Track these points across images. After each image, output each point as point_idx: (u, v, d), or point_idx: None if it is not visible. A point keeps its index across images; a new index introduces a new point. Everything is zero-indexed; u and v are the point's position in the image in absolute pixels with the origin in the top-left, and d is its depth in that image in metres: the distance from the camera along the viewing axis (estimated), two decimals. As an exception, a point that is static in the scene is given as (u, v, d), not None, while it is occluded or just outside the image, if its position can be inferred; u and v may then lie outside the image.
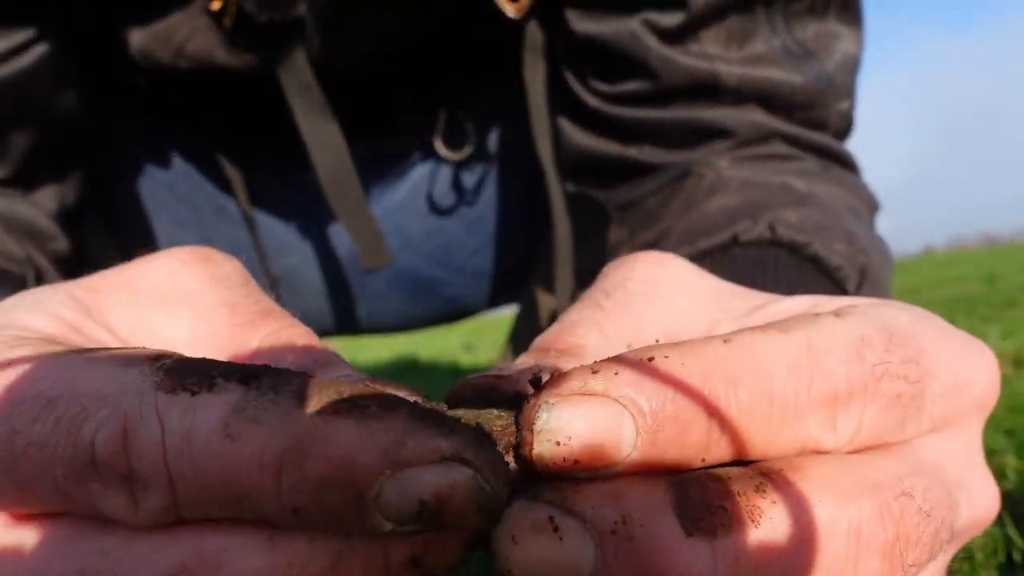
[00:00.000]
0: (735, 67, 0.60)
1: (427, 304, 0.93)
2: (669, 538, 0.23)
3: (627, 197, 0.66)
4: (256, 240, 0.84)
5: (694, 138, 0.63)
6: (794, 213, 0.54)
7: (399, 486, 0.21)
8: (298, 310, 0.99)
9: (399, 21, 0.68)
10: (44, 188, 0.63)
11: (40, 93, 0.60)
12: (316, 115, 0.66)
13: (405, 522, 0.21)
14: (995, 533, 0.73)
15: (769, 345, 0.25)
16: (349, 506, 0.21)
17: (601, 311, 0.34)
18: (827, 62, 0.62)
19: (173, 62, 0.65)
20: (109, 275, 0.34)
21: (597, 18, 0.62)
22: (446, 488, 0.21)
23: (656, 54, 0.60)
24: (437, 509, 0.21)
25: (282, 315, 0.32)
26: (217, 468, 0.21)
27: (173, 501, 0.22)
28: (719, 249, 0.54)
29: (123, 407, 0.22)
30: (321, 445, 0.21)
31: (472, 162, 0.84)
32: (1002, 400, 1.36)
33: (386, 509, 0.21)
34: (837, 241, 0.53)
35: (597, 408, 0.23)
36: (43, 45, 0.58)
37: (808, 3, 0.61)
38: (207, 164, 0.83)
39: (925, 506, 0.26)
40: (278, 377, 0.23)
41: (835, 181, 0.62)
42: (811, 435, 0.26)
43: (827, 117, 0.64)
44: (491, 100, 0.83)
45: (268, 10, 0.59)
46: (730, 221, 0.54)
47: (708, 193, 0.59)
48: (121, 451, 0.22)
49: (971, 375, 0.29)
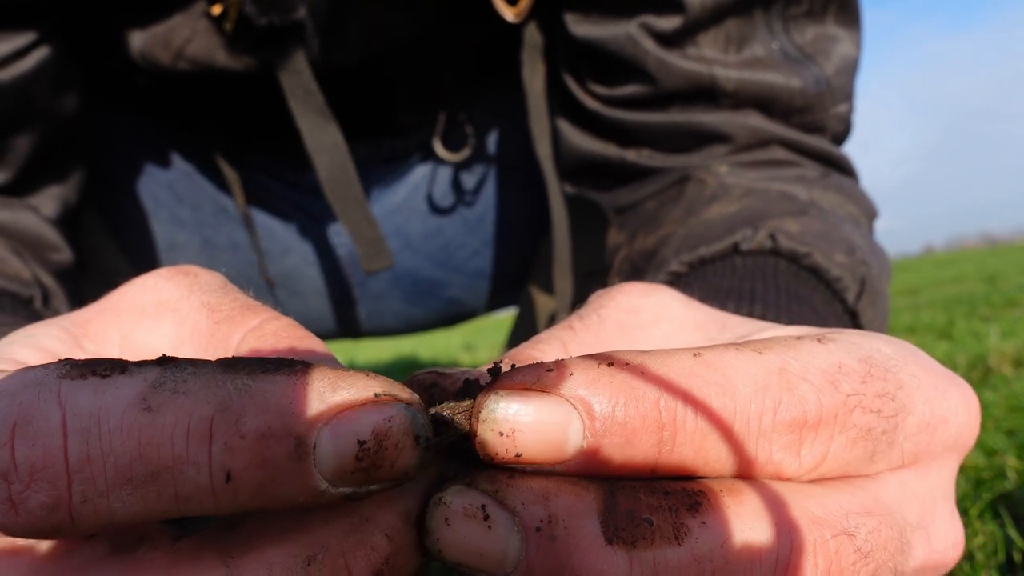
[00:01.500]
0: (733, 71, 0.60)
1: (427, 305, 0.93)
2: (589, 543, 0.23)
3: (626, 200, 0.66)
4: (255, 240, 0.84)
5: (692, 142, 0.63)
6: (794, 223, 0.54)
7: (337, 430, 0.21)
8: (298, 312, 0.99)
9: (398, 23, 0.69)
10: (46, 189, 0.63)
11: (42, 96, 0.60)
12: (317, 118, 0.66)
13: (343, 475, 0.21)
14: (996, 533, 0.73)
15: (740, 363, 0.25)
16: (290, 459, 0.21)
17: (570, 332, 0.34)
18: (825, 65, 0.62)
19: (173, 64, 0.65)
20: (95, 305, 0.34)
21: (595, 21, 0.62)
22: (383, 423, 0.21)
23: (654, 58, 0.60)
24: (376, 447, 0.21)
25: (263, 309, 0.32)
26: (133, 443, 0.21)
27: (65, 497, 0.21)
28: (719, 257, 0.54)
29: (19, 398, 0.21)
30: (257, 399, 0.21)
31: (471, 163, 0.84)
32: (1002, 400, 1.36)
33: (325, 460, 0.21)
34: (837, 252, 0.53)
35: (546, 404, 0.23)
36: (45, 49, 0.58)
37: (806, 6, 0.61)
38: (207, 164, 0.83)
39: (865, 547, 0.25)
40: (194, 360, 0.22)
41: (834, 188, 0.62)
42: (772, 459, 0.25)
43: (825, 120, 0.64)
44: (490, 101, 0.83)
45: (268, 13, 0.59)
46: (730, 229, 0.54)
47: (709, 200, 0.59)
48: (6, 444, 0.21)
49: (949, 414, 0.29)
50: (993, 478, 0.92)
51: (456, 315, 0.97)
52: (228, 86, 0.70)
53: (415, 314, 0.94)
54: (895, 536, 0.26)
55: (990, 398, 1.42)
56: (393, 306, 0.92)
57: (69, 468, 0.20)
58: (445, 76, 0.80)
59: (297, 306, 0.90)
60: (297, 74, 0.64)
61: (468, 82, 0.81)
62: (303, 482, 0.21)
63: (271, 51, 0.63)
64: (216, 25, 0.63)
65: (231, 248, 0.86)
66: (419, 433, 0.22)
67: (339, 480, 0.21)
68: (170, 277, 0.34)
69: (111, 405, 0.21)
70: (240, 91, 0.72)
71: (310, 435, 0.21)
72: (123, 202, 0.82)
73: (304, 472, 0.21)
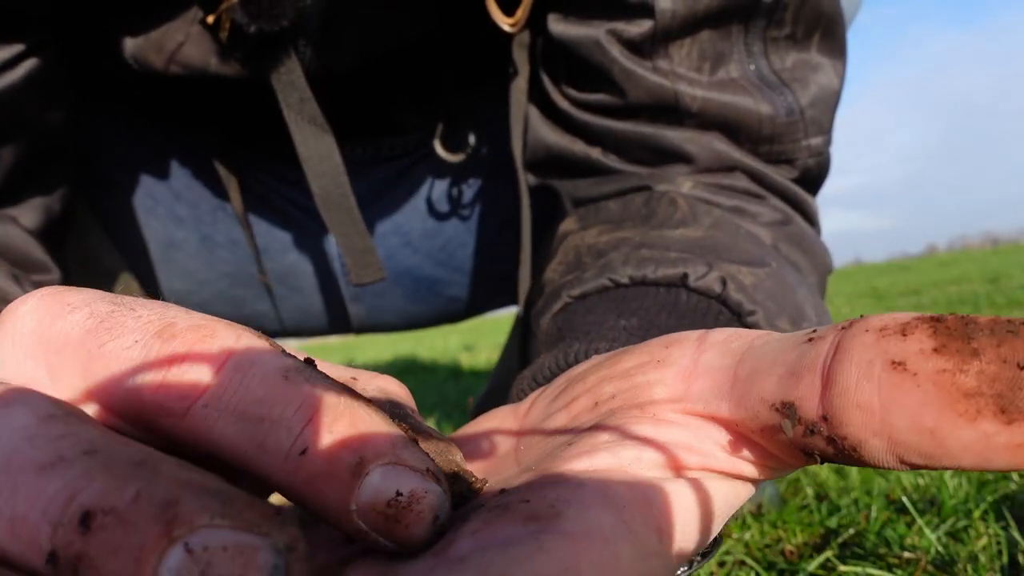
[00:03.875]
0: (700, 89, 0.59)
1: (428, 303, 0.93)
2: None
3: (586, 192, 0.65)
4: (250, 240, 0.84)
5: (655, 157, 0.62)
6: (750, 274, 0.53)
7: (389, 473, 0.24)
8: (299, 309, 0.99)
9: (394, 28, 0.68)
10: (30, 200, 0.63)
11: (30, 107, 0.59)
12: (310, 128, 0.66)
13: (370, 511, 0.24)
14: (999, 535, 0.72)
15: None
16: (348, 469, 0.24)
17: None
18: (801, 94, 0.60)
19: (165, 68, 0.64)
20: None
21: (571, 22, 0.61)
22: (421, 491, 0.25)
23: (620, 67, 0.59)
24: (406, 504, 0.25)
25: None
26: (263, 392, 0.24)
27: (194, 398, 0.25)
28: (664, 284, 0.53)
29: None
30: (352, 417, 0.25)
31: (471, 163, 0.84)
32: (1005, 401, 1.35)
33: (366, 489, 0.24)
34: (782, 318, 0.52)
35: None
36: (34, 59, 0.57)
37: (789, 29, 0.60)
38: (205, 162, 0.82)
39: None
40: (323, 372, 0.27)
41: (796, 240, 0.61)
42: None
43: (795, 152, 0.62)
44: (490, 101, 0.82)
45: (258, 20, 0.58)
46: (684, 259, 0.53)
47: (678, 222, 0.58)
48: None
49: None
50: (996, 479, 0.92)
51: (458, 313, 0.97)
52: (223, 89, 0.69)
53: (416, 311, 0.94)
54: None
55: (993, 399, 1.41)
56: (394, 304, 0.92)
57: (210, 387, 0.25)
58: (444, 78, 0.79)
59: (297, 303, 0.90)
60: (291, 82, 0.63)
61: (467, 83, 0.80)
62: (344, 493, 0.24)
63: (264, 59, 0.62)
64: (211, 32, 0.62)
65: (230, 245, 0.85)
66: (439, 515, 0.25)
67: (365, 512, 0.24)
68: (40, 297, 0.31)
69: (264, 362, 0.25)
70: (235, 94, 0.71)
71: (370, 464, 0.24)
72: (119, 200, 0.81)
73: (350, 486, 0.24)
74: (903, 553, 0.71)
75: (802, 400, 0.25)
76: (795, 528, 0.81)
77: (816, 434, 0.25)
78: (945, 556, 0.70)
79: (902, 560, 0.70)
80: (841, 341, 0.25)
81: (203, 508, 0.20)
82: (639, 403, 0.30)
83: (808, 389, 0.25)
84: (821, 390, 0.25)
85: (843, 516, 0.83)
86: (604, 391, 0.32)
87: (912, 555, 0.70)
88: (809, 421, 0.25)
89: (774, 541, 0.79)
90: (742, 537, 0.79)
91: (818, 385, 0.25)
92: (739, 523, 0.83)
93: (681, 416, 0.29)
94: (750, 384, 0.27)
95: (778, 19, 0.59)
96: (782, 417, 0.26)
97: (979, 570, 0.66)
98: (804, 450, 0.26)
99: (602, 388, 0.33)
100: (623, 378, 0.32)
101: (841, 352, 0.25)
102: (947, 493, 0.84)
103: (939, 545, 0.71)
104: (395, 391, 0.36)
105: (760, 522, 0.83)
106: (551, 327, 0.55)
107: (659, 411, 0.30)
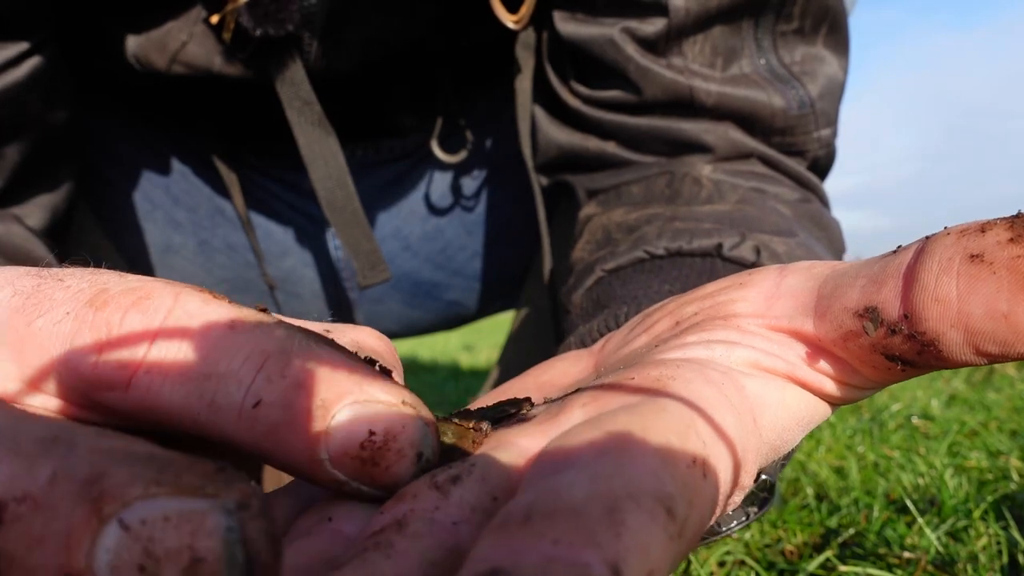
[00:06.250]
0: (714, 85, 0.59)
1: (427, 308, 0.92)
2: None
3: (603, 183, 0.65)
4: (253, 242, 0.84)
5: (672, 149, 0.62)
6: (782, 243, 0.53)
7: (358, 411, 0.23)
8: (297, 313, 0.99)
9: (397, 28, 0.68)
10: (35, 198, 0.62)
11: (34, 105, 0.59)
12: (314, 130, 0.66)
13: (343, 456, 0.22)
14: (999, 535, 0.72)
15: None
16: (309, 414, 0.22)
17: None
18: (811, 87, 0.61)
19: (168, 67, 0.64)
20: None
21: (580, 21, 0.61)
22: (397, 425, 0.23)
23: (636, 65, 0.59)
24: (381, 443, 0.23)
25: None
26: (207, 346, 0.23)
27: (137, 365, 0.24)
28: (699, 254, 0.53)
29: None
30: (309, 357, 0.23)
31: (470, 165, 0.83)
32: (1006, 401, 1.35)
33: (335, 433, 0.22)
34: None
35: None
36: (37, 57, 0.57)
37: (797, 23, 0.60)
38: (204, 165, 0.82)
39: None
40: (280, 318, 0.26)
41: (816, 218, 0.62)
42: None
43: (806, 143, 0.63)
44: (489, 103, 0.82)
45: (264, 24, 0.58)
46: (717, 229, 0.53)
47: (705, 201, 0.58)
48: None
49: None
50: (997, 479, 0.92)
51: (456, 317, 0.97)
52: (225, 90, 0.69)
53: (415, 316, 0.94)
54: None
55: (994, 399, 1.41)
56: (392, 308, 0.91)
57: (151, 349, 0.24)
58: (443, 79, 0.79)
59: (296, 308, 0.90)
60: (295, 84, 0.63)
61: (467, 84, 0.80)
62: (310, 441, 0.22)
63: (268, 61, 0.62)
64: (214, 32, 0.62)
65: (227, 250, 0.85)
66: (423, 451, 0.23)
67: (338, 459, 0.22)
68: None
69: (206, 314, 0.24)
70: (238, 95, 0.71)
71: (334, 405, 0.22)
72: (118, 203, 0.81)
73: (316, 433, 0.22)
74: (903, 553, 0.71)
75: (884, 303, 0.26)
76: (795, 528, 0.81)
77: (897, 334, 0.26)
78: (945, 556, 0.70)
79: (902, 560, 0.70)
80: (924, 246, 0.26)
81: (134, 478, 0.17)
82: (723, 315, 0.31)
83: (891, 292, 0.26)
84: (903, 291, 0.26)
85: (843, 516, 0.83)
86: (685, 311, 0.33)
87: (912, 555, 0.70)
88: (891, 321, 0.26)
89: (774, 541, 0.79)
90: (742, 537, 0.79)
91: (899, 287, 0.26)
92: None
93: (764, 329, 0.30)
94: (833, 298, 0.28)
95: (787, 14, 0.60)
96: (864, 320, 0.27)
97: (979, 570, 0.66)
98: (885, 352, 0.27)
99: (683, 310, 0.34)
100: (705, 299, 0.33)
101: (923, 254, 0.26)
102: (947, 493, 0.84)
103: (939, 545, 0.71)
104: (373, 345, 0.31)
105: (760, 522, 0.83)
106: (585, 301, 0.55)
107: (743, 323, 0.30)
